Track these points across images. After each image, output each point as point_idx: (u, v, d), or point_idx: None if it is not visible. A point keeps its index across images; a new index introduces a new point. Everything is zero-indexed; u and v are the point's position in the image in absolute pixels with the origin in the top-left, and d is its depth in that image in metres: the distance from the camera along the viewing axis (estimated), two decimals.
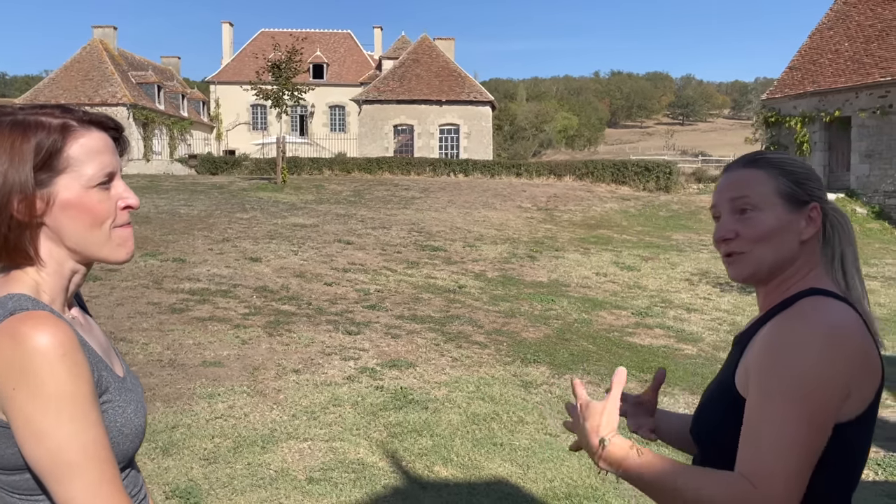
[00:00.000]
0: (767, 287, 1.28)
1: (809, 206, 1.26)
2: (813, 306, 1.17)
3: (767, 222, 1.24)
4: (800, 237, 1.25)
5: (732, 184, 1.29)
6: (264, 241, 11.71)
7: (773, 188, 1.25)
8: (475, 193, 20.21)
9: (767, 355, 1.14)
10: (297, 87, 20.75)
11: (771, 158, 1.29)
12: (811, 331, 1.12)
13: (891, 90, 19.05)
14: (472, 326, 7.78)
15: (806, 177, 1.27)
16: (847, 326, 1.13)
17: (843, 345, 1.11)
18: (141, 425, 1.09)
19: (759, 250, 1.24)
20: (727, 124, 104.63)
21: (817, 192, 1.28)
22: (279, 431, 4.71)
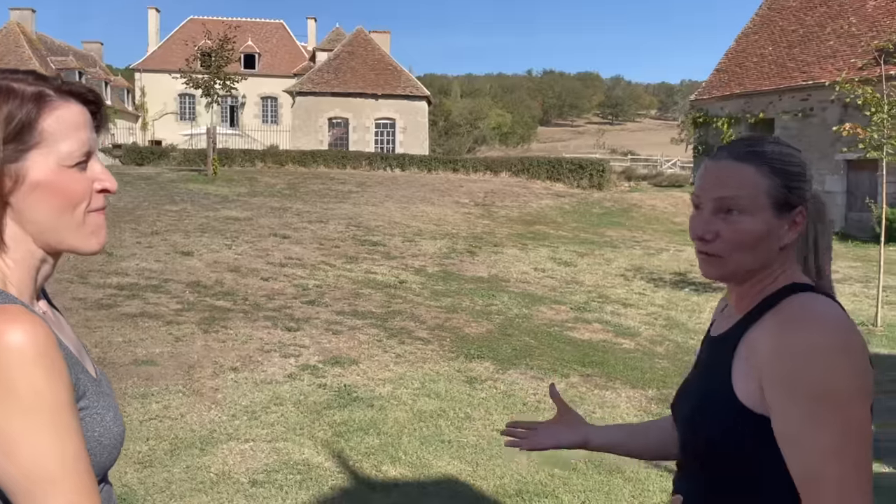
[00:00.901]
0: (741, 287, 1.21)
1: (796, 211, 1.16)
2: (809, 305, 1.11)
3: (754, 229, 1.14)
4: (780, 242, 1.16)
5: (722, 179, 1.16)
6: (196, 234, 11.32)
7: (764, 189, 1.14)
8: (413, 188, 20.10)
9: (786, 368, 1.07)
10: (229, 77, 20.17)
11: (767, 153, 1.16)
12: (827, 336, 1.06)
13: (812, 93, 19.87)
14: (415, 322, 7.69)
15: (799, 177, 1.17)
16: (851, 325, 1.09)
17: (859, 347, 1.07)
18: (120, 434, 0.96)
19: (738, 256, 1.15)
20: (654, 124, 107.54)
21: (807, 192, 1.18)
22: (219, 432, 4.52)
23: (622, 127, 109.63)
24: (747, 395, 1.12)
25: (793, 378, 1.06)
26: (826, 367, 1.04)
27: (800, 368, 1.05)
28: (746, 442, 1.12)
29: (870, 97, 8.88)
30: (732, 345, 1.17)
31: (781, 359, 1.07)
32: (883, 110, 8.75)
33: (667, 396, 5.89)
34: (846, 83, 9.48)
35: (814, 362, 1.05)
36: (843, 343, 1.06)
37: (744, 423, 1.12)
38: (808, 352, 1.05)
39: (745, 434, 1.11)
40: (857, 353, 1.06)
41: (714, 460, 1.18)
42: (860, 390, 1.05)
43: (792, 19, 23.16)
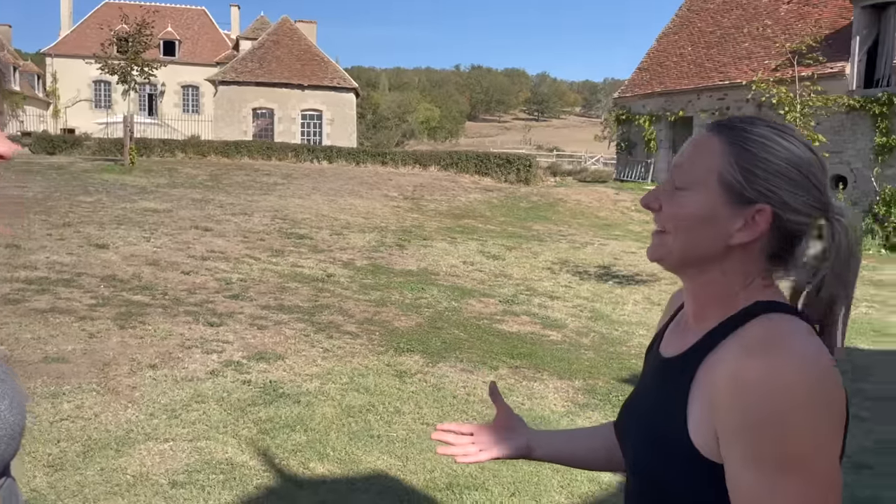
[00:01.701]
0: (690, 286, 1.06)
1: (755, 207, 0.98)
2: (776, 334, 0.94)
3: (690, 207, 1.00)
4: (728, 239, 0.99)
5: (687, 150, 1.05)
6: (111, 226, 10.83)
7: (716, 167, 0.99)
8: (340, 181, 19.83)
9: (749, 416, 0.89)
10: (148, 64, 19.41)
11: (749, 131, 1.00)
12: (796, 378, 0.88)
13: (728, 93, 20.63)
14: (343, 316, 7.57)
15: (769, 168, 0.98)
16: (827, 364, 0.91)
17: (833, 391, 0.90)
18: (16, 425, 0.86)
19: (675, 234, 1.02)
20: (578, 121, 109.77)
21: (784, 192, 0.98)
22: (136, 432, 4.31)
23: (548, 123, 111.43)
24: (704, 441, 0.96)
25: (751, 436, 0.89)
26: (792, 426, 0.87)
27: (760, 424, 0.88)
28: (705, 492, 0.96)
29: (784, 97, 9.26)
30: (690, 375, 1.00)
31: (738, 408, 0.90)
32: (795, 109, 9.15)
33: (592, 387, 5.99)
34: (761, 83, 9.86)
35: (778, 418, 0.87)
36: (814, 389, 0.88)
37: (700, 473, 0.96)
38: (771, 404, 0.88)
39: (703, 483, 0.96)
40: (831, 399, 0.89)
41: (656, 489, 1.04)
42: (830, 442, 0.90)
43: (710, 21, 23.98)
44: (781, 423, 0.87)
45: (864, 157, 17.74)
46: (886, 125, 17.15)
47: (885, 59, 17.65)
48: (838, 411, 0.91)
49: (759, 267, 1.01)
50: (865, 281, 12.00)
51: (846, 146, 17.91)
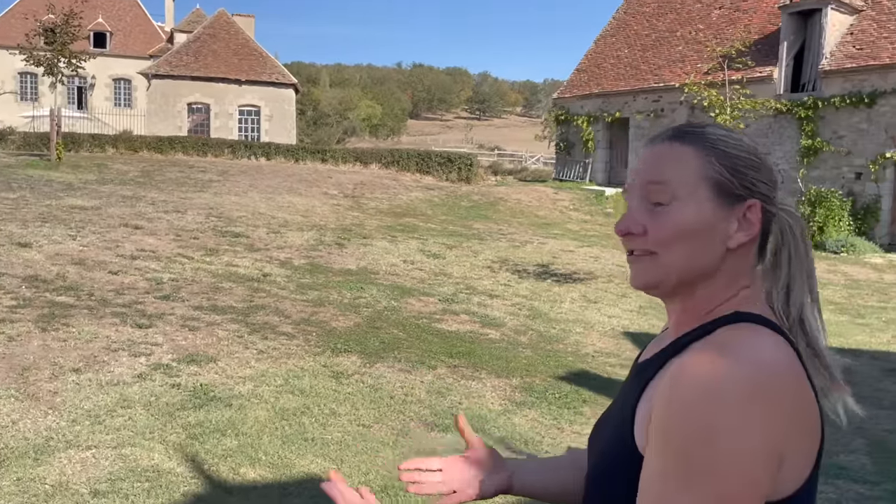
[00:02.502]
0: (679, 305, 0.99)
1: (746, 204, 0.94)
2: (736, 338, 0.88)
3: (685, 219, 0.93)
4: (726, 243, 0.94)
5: (653, 161, 0.98)
6: (35, 224, 10.37)
7: (700, 172, 0.94)
8: (279, 178, 19.50)
9: (670, 408, 0.84)
10: (76, 55, 18.68)
11: (709, 133, 0.97)
12: (731, 376, 0.82)
13: (663, 95, 21.12)
14: (279, 316, 7.42)
15: (749, 164, 0.95)
16: (780, 370, 0.84)
17: (774, 398, 0.82)
18: None
19: (670, 253, 0.95)
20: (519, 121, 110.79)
21: (762, 185, 0.96)
22: (56, 440, 4.12)
23: (489, 122, 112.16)
24: (642, 439, 0.91)
25: (670, 429, 0.83)
26: (715, 417, 0.81)
27: (683, 417, 0.82)
28: None
29: (714, 99, 9.51)
30: (650, 375, 0.96)
31: (668, 399, 0.85)
32: (726, 112, 9.41)
33: (530, 385, 6.02)
34: (693, 86, 10.10)
35: (701, 408, 0.81)
36: (752, 386, 0.82)
37: (637, 471, 0.90)
38: (699, 394, 0.82)
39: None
40: (771, 404, 0.82)
41: None
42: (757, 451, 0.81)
43: (645, 24, 24.51)
44: (701, 422, 0.81)
45: (790, 158, 18.41)
46: (811, 128, 17.84)
47: (810, 64, 18.36)
48: (785, 436, 0.83)
49: (747, 268, 0.97)
50: None
51: (774, 148, 18.56)
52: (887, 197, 16.78)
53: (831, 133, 17.67)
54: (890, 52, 16.79)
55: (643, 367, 1.00)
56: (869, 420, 5.65)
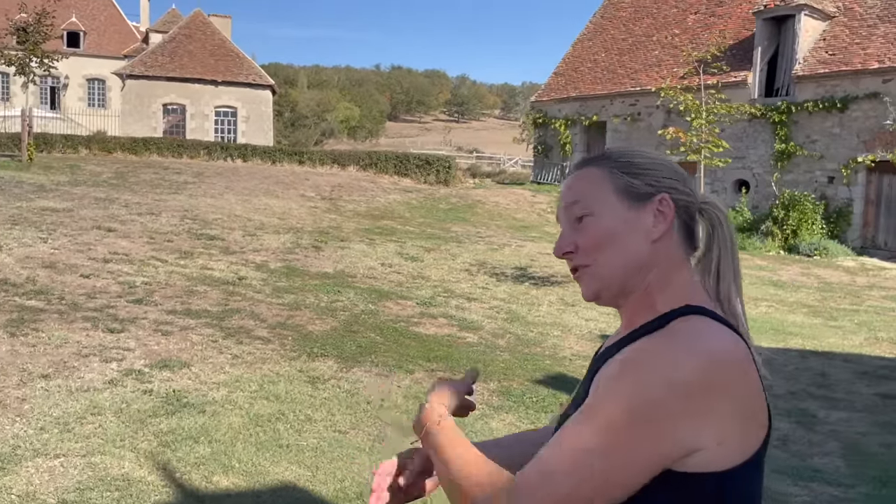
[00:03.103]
0: (629, 305, 1.08)
1: (656, 198, 1.05)
2: (689, 328, 0.97)
3: (605, 225, 1.05)
4: (649, 236, 1.04)
5: (568, 189, 1.11)
6: (5, 226, 10.17)
7: (609, 186, 1.06)
8: (255, 180, 19.34)
9: (608, 371, 0.96)
10: (48, 55, 18.37)
11: (608, 152, 1.12)
12: (684, 353, 0.92)
13: (639, 99, 21.27)
14: (254, 320, 7.34)
15: (647, 165, 1.07)
16: (729, 359, 0.94)
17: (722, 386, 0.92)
18: None
19: (602, 259, 1.05)
20: (498, 124, 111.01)
21: (666, 181, 1.07)
22: (24, 448, 4.02)
23: (467, 125, 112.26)
24: None
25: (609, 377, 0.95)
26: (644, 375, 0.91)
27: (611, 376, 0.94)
28: None
29: (690, 104, 9.59)
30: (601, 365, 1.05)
31: (616, 362, 0.96)
32: (701, 116, 9.48)
33: (507, 388, 6.00)
34: (669, 90, 10.18)
35: (628, 372, 0.92)
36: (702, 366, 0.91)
37: None
38: (633, 362, 0.93)
39: None
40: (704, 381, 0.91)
41: None
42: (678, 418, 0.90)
43: (622, 28, 24.68)
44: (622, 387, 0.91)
45: (764, 162, 18.63)
46: (785, 132, 18.07)
47: (784, 69, 18.60)
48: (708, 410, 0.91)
49: (680, 259, 1.07)
50: (765, 281, 12.58)
51: (748, 152, 18.77)
52: (859, 201, 17.03)
53: (804, 137, 17.91)
54: (862, 58, 17.06)
55: (598, 360, 1.10)
56: (843, 423, 5.71)
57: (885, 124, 16.31)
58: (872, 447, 5.15)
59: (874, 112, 16.65)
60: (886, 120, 16.28)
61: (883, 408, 6.11)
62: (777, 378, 6.94)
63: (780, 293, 11.63)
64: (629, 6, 25.25)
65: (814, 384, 6.77)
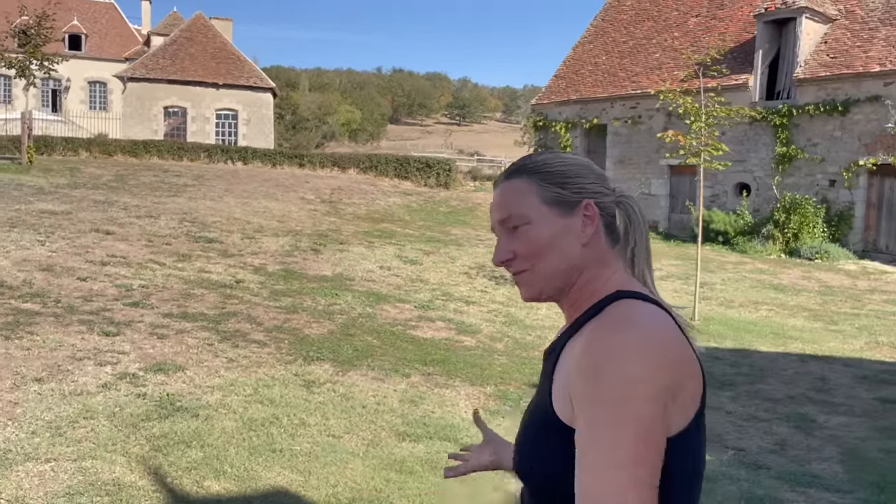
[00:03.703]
0: (567, 300, 1.17)
1: (582, 205, 1.14)
2: (622, 312, 1.07)
3: (540, 234, 1.13)
4: (579, 240, 1.14)
5: (499, 201, 1.18)
6: (3, 229, 10.15)
7: (537, 197, 1.14)
8: (255, 183, 19.32)
9: (583, 377, 1.01)
10: (48, 57, 18.39)
11: (530, 164, 1.18)
12: (626, 340, 1.01)
13: (640, 102, 21.23)
14: (251, 324, 7.31)
15: (571, 174, 1.16)
16: (664, 331, 1.04)
17: (663, 352, 1.01)
18: None
19: (540, 265, 1.14)
20: (499, 127, 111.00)
21: (589, 186, 1.16)
22: (14, 452, 4.00)
23: (469, 128, 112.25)
24: (564, 413, 1.05)
25: (587, 394, 1.00)
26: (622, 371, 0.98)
27: (596, 374, 1.00)
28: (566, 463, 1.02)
29: (689, 107, 9.54)
30: (555, 358, 1.13)
31: (580, 371, 1.02)
32: (701, 119, 9.44)
33: (504, 392, 5.97)
34: (668, 93, 10.13)
35: (610, 366, 0.99)
36: (645, 345, 1.00)
37: (562, 443, 1.04)
38: (608, 356, 1.00)
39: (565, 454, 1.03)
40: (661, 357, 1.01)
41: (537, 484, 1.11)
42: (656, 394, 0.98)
43: (623, 31, 24.65)
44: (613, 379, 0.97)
45: (765, 166, 18.57)
46: (786, 136, 18.02)
47: (785, 72, 18.55)
48: (674, 380, 1.01)
49: (606, 256, 1.16)
50: (766, 285, 12.54)
51: (749, 155, 18.72)
52: (860, 204, 16.97)
53: (805, 141, 17.86)
54: (863, 61, 17.02)
55: (550, 352, 1.18)
56: (842, 427, 5.67)
57: (887, 127, 16.26)
58: (871, 452, 5.11)
59: (875, 115, 16.59)
60: (888, 123, 16.23)
61: (883, 412, 6.07)
62: (776, 382, 6.90)
63: (780, 297, 11.59)
64: (630, 9, 25.22)
65: (813, 388, 6.72)
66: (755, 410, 6.04)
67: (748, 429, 5.58)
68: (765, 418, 5.83)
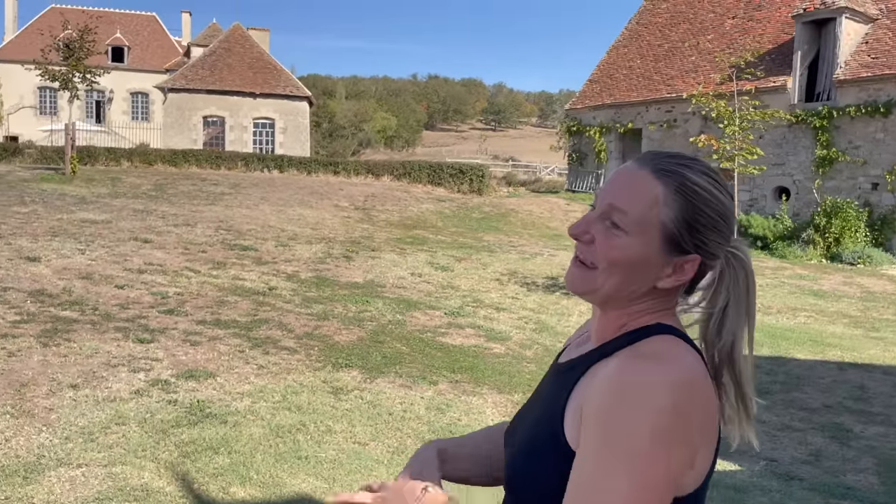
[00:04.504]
0: (605, 313, 1.07)
1: (687, 258, 1.01)
2: (657, 349, 0.98)
3: (629, 252, 1.01)
4: (656, 281, 1.02)
5: (624, 185, 1.03)
6: (45, 238, 10.45)
7: (658, 217, 1.00)
8: (290, 191, 19.57)
9: (607, 402, 0.93)
10: (90, 70, 18.90)
11: (689, 177, 1.01)
12: (654, 378, 0.92)
13: (675, 105, 20.98)
14: (282, 331, 7.39)
15: (709, 224, 1.01)
16: (697, 384, 0.95)
17: (696, 400, 0.93)
18: None
19: (605, 274, 1.02)
20: (535, 132, 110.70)
21: (713, 245, 1.02)
22: (48, 458, 4.10)
23: (504, 133, 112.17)
24: (573, 437, 0.98)
25: (607, 420, 0.92)
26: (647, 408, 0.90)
27: (612, 406, 0.91)
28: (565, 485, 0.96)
29: (723, 111, 9.40)
30: (576, 376, 1.02)
31: (605, 394, 0.94)
32: (735, 123, 9.29)
33: None
34: (701, 97, 10.00)
35: (630, 401, 0.91)
36: (681, 387, 0.92)
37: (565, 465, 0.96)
38: (629, 389, 0.91)
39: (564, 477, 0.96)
40: (693, 405, 0.92)
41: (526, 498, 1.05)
42: (680, 442, 0.91)
43: (658, 35, 24.41)
44: (632, 419, 0.89)
45: (805, 169, 18.19)
46: (827, 138, 17.63)
47: (825, 73, 18.16)
48: (697, 429, 0.93)
49: (669, 299, 1.06)
50: (806, 290, 12.26)
51: (788, 158, 18.35)
52: None
53: (847, 143, 17.45)
54: None
55: (568, 369, 1.07)
56: (879, 438, 5.52)
57: None
58: None
59: None
60: None
61: None
62: (813, 391, 6.75)
63: (820, 303, 11.32)
64: (665, 12, 24.97)
65: (851, 397, 6.55)
66: (790, 420, 5.91)
67: (782, 438, 5.46)
68: (799, 428, 5.70)
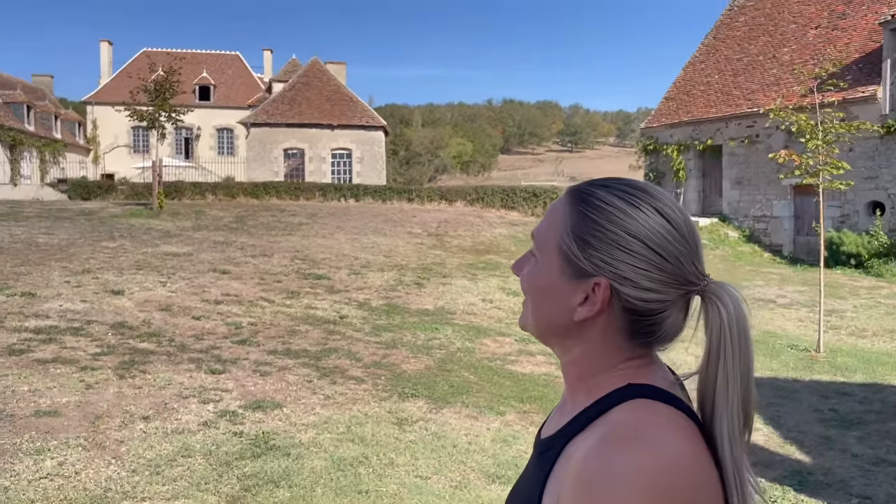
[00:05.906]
0: (563, 363, 0.96)
1: (592, 281, 0.88)
2: (637, 422, 0.83)
3: (534, 276, 0.94)
4: (573, 314, 0.89)
5: (545, 216, 0.97)
6: (130, 271, 10.89)
7: (557, 237, 0.92)
8: (365, 219, 19.84)
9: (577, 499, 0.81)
10: (175, 109, 19.81)
11: (585, 192, 0.93)
12: (635, 469, 0.78)
13: (757, 120, 20.21)
14: (350, 360, 7.40)
15: (607, 239, 0.88)
16: (685, 459, 0.81)
17: (680, 488, 0.79)
18: None
19: (527, 306, 0.96)
20: (612, 151, 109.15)
21: (618, 265, 0.87)
22: (114, 491, 4.18)
23: (581, 154, 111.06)
24: None
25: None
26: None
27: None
28: None
29: (804, 124, 8.93)
30: (553, 458, 0.91)
31: (571, 486, 0.82)
32: (818, 137, 8.81)
33: None
34: (780, 111, 9.54)
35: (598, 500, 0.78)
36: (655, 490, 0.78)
37: None
38: (597, 487, 0.79)
39: None
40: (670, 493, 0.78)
41: None
42: None
43: (736, 48, 23.67)
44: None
45: None
46: None
47: None
48: None
49: (618, 345, 0.91)
50: None
51: (881, 171, 17.33)
52: None
53: None
54: None
55: (547, 446, 0.95)
56: None
57: None
58: None
59: None
60: None
61: None
62: None
63: None
64: (744, 25, 24.21)
65: None
66: (885, 453, 5.46)
67: (877, 474, 5.04)
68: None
